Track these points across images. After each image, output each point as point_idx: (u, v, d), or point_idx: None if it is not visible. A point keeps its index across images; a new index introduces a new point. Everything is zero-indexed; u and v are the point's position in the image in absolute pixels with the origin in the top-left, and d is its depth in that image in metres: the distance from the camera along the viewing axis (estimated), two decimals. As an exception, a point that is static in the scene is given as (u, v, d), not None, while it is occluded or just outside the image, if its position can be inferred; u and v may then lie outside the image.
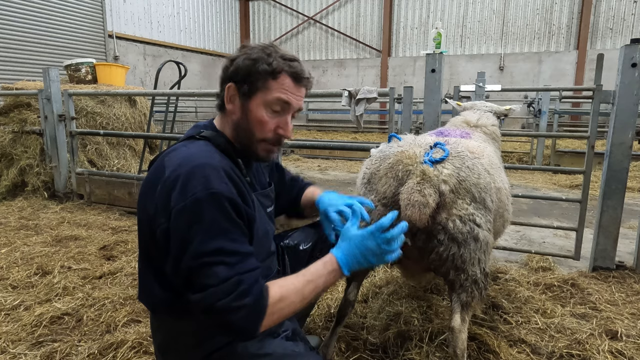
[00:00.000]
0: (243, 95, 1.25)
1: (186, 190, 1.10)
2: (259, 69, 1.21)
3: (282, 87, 1.23)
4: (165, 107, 5.70)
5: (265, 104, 1.24)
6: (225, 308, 1.06)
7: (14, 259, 3.04)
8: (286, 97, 1.24)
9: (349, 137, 12.26)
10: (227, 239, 1.11)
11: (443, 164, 1.52)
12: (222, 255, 1.09)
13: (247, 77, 1.22)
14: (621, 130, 2.79)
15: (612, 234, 2.91)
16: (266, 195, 1.44)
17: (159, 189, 1.15)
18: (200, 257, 1.08)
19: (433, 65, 3.04)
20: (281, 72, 1.22)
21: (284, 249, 1.67)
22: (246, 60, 1.22)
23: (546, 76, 12.49)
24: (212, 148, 1.23)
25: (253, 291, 1.09)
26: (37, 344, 2.04)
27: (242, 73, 1.23)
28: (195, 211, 1.09)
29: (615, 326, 2.19)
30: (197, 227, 1.09)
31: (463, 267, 1.55)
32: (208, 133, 1.28)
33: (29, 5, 9.06)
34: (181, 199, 1.10)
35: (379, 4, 14.12)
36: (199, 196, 1.09)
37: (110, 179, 4.64)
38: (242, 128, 1.27)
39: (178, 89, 5.24)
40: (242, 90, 1.24)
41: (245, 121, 1.26)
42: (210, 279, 1.07)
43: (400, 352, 1.95)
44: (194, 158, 1.16)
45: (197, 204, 1.09)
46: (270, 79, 1.22)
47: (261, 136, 1.26)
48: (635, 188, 6.21)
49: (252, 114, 1.24)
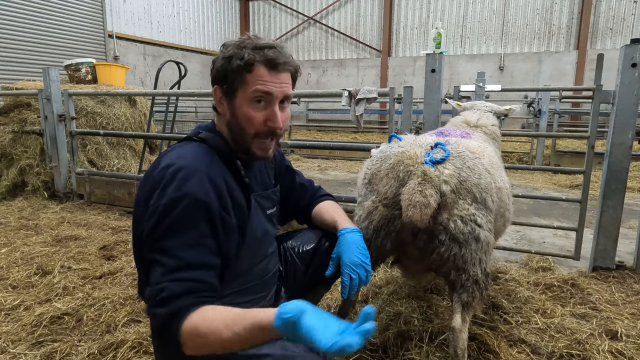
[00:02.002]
0: (227, 96, 1.25)
1: (165, 191, 1.13)
2: (233, 66, 1.20)
3: (258, 79, 1.20)
4: (165, 107, 5.70)
5: (247, 100, 1.22)
6: (150, 309, 1.09)
7: (14, 259, 3.03)
8: (264, 88, 1.21)
9: (349, 137, 12.25)
10: (179, 242, 1.10)
11: (444, 165, 1.52)
12: (166, 257, 1.10)
13: (226, 77, 1.23)
14: (621, 130, 2.79)
15: (612, 234, 2.91)
16: (266, 197, 1.43)
17: (146, 185, 1.19)
18: (152, 253, 1.12)
19: (433, 65, 3.04)
20: (253, 64, 1.20)
21: (287, 250, 1.67)
22: (222, 60, 1.23)
23: (546, 76, 12.48)
24: (205, 150, 1.24)
25: (172, 304, 1.04)
26: (37, 344, 2.04)
27: (221, 74, 1.24)
28: (165, 211, 1.12)
29: (615, 326, 2.19)
30: (161, 225, 1.12)
31: (464, 267, 1.55)
32: (205, 134, 1.28)
33: (29, 5, 9.06)
34: (159, 199, 1.13)
35: (379, 4, 14.11)
36: (173, 196, 1.12)
37: (110, 179, 4.63)
38: (234, 127, 1.27)
39: (178, 89, 5.24)
40: (224, 91, 1.25)
41: (235, 120, 1.25)
42: (150, 276, 1.12)
43: (400, 352, 1.95)
44: (182, 160, 1.18)
45: (169, 204, 1.12)
46: (245, 73, 1.20)
47: (252, 131, 1.25)
48: (635, 188, 6.21)
49: (239, 112, 1.24)
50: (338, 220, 1.58)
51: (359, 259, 1.46)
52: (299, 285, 1.65)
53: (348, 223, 1.57)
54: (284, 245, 1.68)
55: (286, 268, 1.64)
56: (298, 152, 9.91)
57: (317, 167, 8.49)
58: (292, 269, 1.65)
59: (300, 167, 8.44)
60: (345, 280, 1.44)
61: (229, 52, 1.22)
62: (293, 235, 1.74)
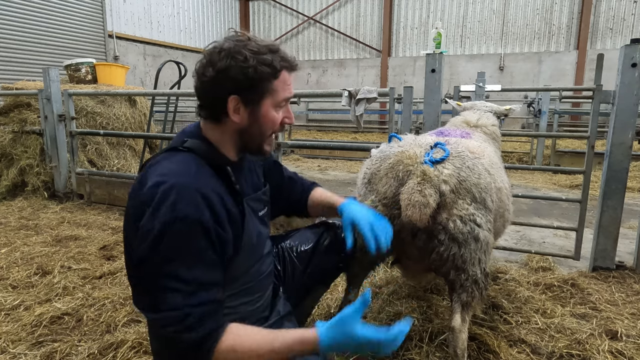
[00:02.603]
0: (251, 104, 1.21)
1: (157, 213, 1.09)
2: (263, 76, 1.18)
3: (285, 85, 1.24)
4: (165, 107, 5.70)
5: (274, 105, 1.24)
6: (174, 336, 1.08)
7: (14, 259, 3.03)
8: (290, 94, 1.27)
9: (349, 137, 12.25)
10: (185, 266, 1.10)
11: (443, 164, 1.52)
12: (178, 282, 1.09)
13: (252, 87, 1.19)
14: (621, 130, 2.79)
15: (612, 234, 2.91)
16: (258, 199, 1.40)
17: (135, 205, 1.15)
18: (157, 279, 1.09)
19: (433, 65, 3.04)
20: (281, 70, 1.22)
21: (285, 250, 1.67)
22: (244, 69, 1.15)
23: (546, 76, 12.48)
24: (193, 160, 1.20)
25: (200, 328, 1.08)
26: (37, 344, 2.04)
27: (246, 84, 1.17)
28: (159, 235, 1.08)
29: (615, 326, 2.19)
30: (159, 250, 1.09)
31: (463, 267, 1.55)
32: (191, 143, 1.23)
33: (29, 5, 9.06)
34: (150, 221, 1.09)
35: (379, 4, 14.11)
36: (166, 219, 1.08)
37: (110, 179, 4.64)
38: (252, 132, 1.25)
39: (178, 89, 5.24)
40: (248, 99, 1.20)
41: (257, 125, 1.24)
42: (162, 304, 1.09)
43: (400, 352, 1.94)
44: (171, 176, 1.13)
45: (163, 227, 1.08)
46: (273, 80, 1.21)
47: (270, 132, 1.28)
48: (635, 188, 6.21)
49: (264, 117, 1.24)
50: (334, 198, 1.63)
51: (373, 214, 1.49)
52: (297, 285, 1.65)
53: (344, 199, 1.61)
54: (282, 245, 1.68)
55: (284, 268, 1.64)
56: (298, 152, 9.91)
57: (317, 167, 8.49)
58: (290, 268, 1.64)
59: (300, 167, 8.44)
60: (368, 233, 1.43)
61: (251, 62, 1.15)
62: (291, 235, 1.73)
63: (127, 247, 1.21)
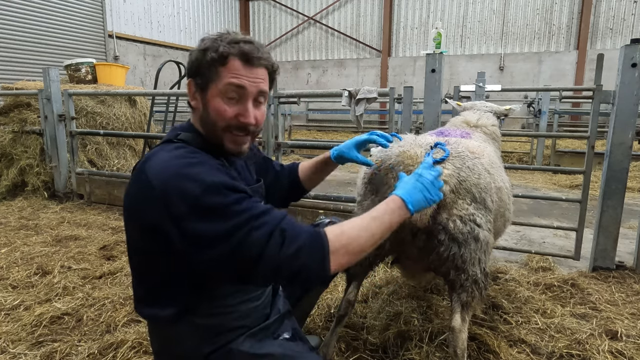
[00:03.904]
0: (200, 89, 1.21)
1: (184, 195, 1.05)
2: (207, 58, 1.17)
3: (231, 72, 1.17)
4: (165, 107, 5.71)
5: (220, 93, 1.18)
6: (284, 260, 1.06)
7: (14, 259, 3.04)
8: (238, 81, 1.17)
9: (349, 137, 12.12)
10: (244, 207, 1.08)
11: (443, 164, 1.52)
12: (251, 221, 1.06)
13: (199, 70, 1.20)
14: (621, 130, 2.79)
15: (612, 234, 2.91)
16: (255, 190, 1.39)
17: (150, 207, 1.09)
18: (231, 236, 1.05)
19: (433, 65, 3.04)
20: (228, 56, 1.16)
21: None
22: (197, 52, 1.20)
23: (546, 76, 12.48)
24: (191, 148, 1.19)
25: (301, 232, 1.10)
26: (37, 344, 2.04)
27: (195, 66, 1.21)
28: (202, 209, 1.05)
29: (615, 326, 2.19)
30: (212, 217, 1.05)
31: (463, 267, 1.55)
32: (184, 135, 1.23)
33: (29, 5, 9.06)
34: (182, 205, 1.05)
35: (379, 4, 14.11)
36: (197, 194, 1.05)
37: (110, 179, 4.64)
38: (206, 121, 1.23)
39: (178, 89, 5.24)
40: (197, 83, 1.21)
41: (206, 113, 1.21)
42: (254, 248, 1.05)
43: (400, 352, 1.95)
44: (177, 161, 1.11)
45: (199, 202, 1.05)
46: (219, 66, 1.17)
47: (222, 125, 1.20)
48: (635, 188, 6.21)
49: (211, 105, 1.19)
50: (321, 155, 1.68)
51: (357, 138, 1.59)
52: (297, 284, 1.64)
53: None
54: None
55: None
56: (298, 152, 9.90)
57: (317, 167, 8.48)
58: None
59: (300, 167, 8.42)
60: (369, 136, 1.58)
61: (205, 45, 1.19)
62: None
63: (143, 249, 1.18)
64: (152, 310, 1.23)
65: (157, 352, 1.34)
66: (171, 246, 1.08)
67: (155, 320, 1.27)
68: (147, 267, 1.22)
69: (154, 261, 1.19)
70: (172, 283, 1.19)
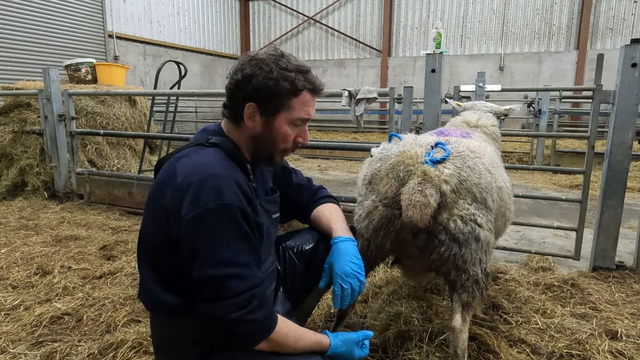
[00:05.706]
0: (265, 114, 1.26)
1: (198, 200, 1.12)
2: (282, 90, 1.23)
3: (304, 105, 1.28)
4: (165, 107, 5.71)
5: (288, 121, 1.27)
6: (236, 321, 1.12)
7: (14, 259, 3.03)
8: (307, 115, 1.30)
9: (349, 137, 12.25)
10: (237, 250, 1.14)
11: (444, 164, 1.52)
12: (234, 267, 1.12)
13: (270, 98, 1.24)
14: (621, 130, 2.79)
15: (612, 234, 2.91)
16: (271, 201, 1.45)
17: (169, 194, 1.17)
18: (211, 267, 1.12)
19: (433, 65, 3.04)
20: (303, 90, 1.26)
21: (286, 250, 1.67)
22: (266, 80, 1.22)
23: (546, 76, 12.48)
24: (222, 155, 1.25)
25: (264, 308, 1.17)
26: (37, 344, 2.04)
27: (265, 94, 1.23)
28: (206, 222, 1.12)
29: (615, 326, 2.19)
30: (208, 237, 1.12)
31: (464, 267, 1.55)
32: (217, 139, 1.29)
33: (29, 5, 9.06)
34: (192, 209, 1.12)
35: (379, 4, 14.11)
36: (210, 207, 1.12)
37: (110, 179, 4.63)
38: (264, 141, 1.30)
39: (178, 89, 5.24)
40: (264, 109, 1.26)
41: (269, 136, 1.29)
42: (223, 291, 1.12)
43: (400, 352, 1.94)
44: (206, 167, 1.18)
45: (208, 214, 1.11)
46: (292, 97, 1.25)
47: (283, 147, 1.32)
48: (635, 188, 6.21)
49: (277, 130, 1.28)
50: (333, 228, 1.58)
51: (351, 268, 1.45)
52: (298, 285, 1.65)
53: (343, 232, 1.56)
54: (283, 245, 1.68)
55: (285, 268, 1.64)
56: (298, 152, 9.90)
57: (317, 167, 8.49)
58: (291, 268, 1.65)
59: (300, 167, 8.44)
60: (337, 290, 1.45)
61: (275, 74, 1.22)
62: (292, 235, 1.73)
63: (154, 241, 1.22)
64: (156, 301, 1.26)
65: (157, 346, 1.35)
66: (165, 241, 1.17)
67: (160, 310, 1.29)
68: (156, 256, 1.25)
69: (155, 254, 1.24)
70: (178, 274, 1.21)
